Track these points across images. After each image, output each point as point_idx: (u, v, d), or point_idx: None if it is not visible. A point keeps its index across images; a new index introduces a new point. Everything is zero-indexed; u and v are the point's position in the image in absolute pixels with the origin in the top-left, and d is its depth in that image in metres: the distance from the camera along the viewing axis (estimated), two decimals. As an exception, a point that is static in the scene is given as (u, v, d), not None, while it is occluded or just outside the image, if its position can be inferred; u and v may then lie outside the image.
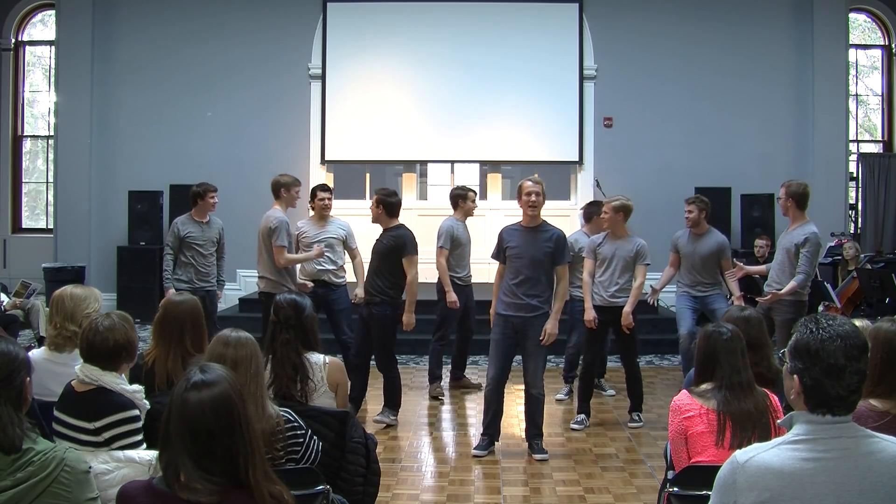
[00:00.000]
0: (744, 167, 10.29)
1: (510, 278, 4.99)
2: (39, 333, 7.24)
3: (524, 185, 5.03)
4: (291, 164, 10.54)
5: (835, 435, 1.79)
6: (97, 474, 2.44)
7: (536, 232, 5.00)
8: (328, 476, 2.83)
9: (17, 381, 2.07)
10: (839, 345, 1.79)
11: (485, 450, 5.04)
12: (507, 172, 11.63)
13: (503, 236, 5.11)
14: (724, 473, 1.86)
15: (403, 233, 5.61)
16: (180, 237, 6.52)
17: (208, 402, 1.81)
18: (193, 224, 6.59)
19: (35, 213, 12.24)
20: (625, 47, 10.61)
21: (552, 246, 4.95)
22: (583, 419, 5.71)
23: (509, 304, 4.98)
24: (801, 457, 1.77)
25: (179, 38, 10.75)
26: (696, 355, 3.09)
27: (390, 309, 5.55)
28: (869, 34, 12.10)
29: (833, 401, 1.79)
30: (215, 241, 6.68)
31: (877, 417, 2.47)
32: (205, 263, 6.57)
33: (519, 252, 4.97)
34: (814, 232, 5.52)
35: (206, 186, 6.67)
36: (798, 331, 1.87)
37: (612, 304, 5.66)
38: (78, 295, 3.45)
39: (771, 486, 1.76)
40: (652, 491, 4.27)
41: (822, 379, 1.79)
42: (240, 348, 2.68)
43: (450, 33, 10.67)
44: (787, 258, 5.58)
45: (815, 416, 1.81)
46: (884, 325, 2.71)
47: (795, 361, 1.84)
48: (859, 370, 1.80)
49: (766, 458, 1.79)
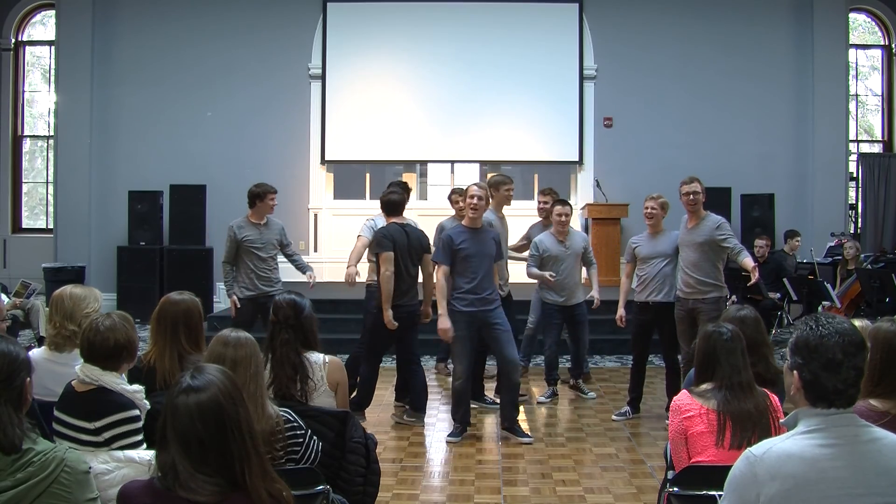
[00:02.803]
0: (744, 167, 10.30)
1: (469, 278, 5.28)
2: (39, 333, 7.23)
3: (469, 188, 5.43)
4: (291, 164, 10.58)
5: (842, 424, 1.85)
6: (97, 474, 2.44)
7: (482, 232, 5.40)
8: (328, 476, 2.83)
9: (18, 382, 2.06)
10: (837, 341, 1.85)
11: (459, 436, 5.35)
12: (507, 172, 11.59)
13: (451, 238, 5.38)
14: (740, 470, 1.87)
15: (380, 231, 5.63)
16: (238, 241, 6.16)
17: (196, 410, 1.80)
18: (251, 227, 6.23)
19: (35, 213, 12.24)
20: (625, 47, 10.62)
21: (496, 243, 5.45)
22: (627, 411, 5.95)
23: (472, 302, 5.28)
24: (817, 444, 1.83)
25: (179, 38, 10.76)
26: (696, 355, 3.08)
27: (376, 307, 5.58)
28: (869, 34, 12.10)
29: (832, 394, 1.85)
30: (275, 243, 6.32)
31: (877, 417, 2.46)
32: (265, 268, 6.22)
33: (473, 252, 5.29)
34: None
35: (266, 188, 6.29)
36: (798, 328, 1.93)
37: (661, 302, 5.81)
38: (77, 295, 3.45)
39: (795, 473, 1.80)
40: (652, 491, 4.27)
41: (820, 373, 1.85)
42: (239, 348, 2.68)
43: (450, 33, 10.68)
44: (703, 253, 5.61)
45: (818, 409, 1.87)
46: (884, 325, 2.71)
47: (795, 357, 1.90)
48: (856, 366, 1.86)
49: (784, 448, 1.84)
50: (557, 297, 6.35)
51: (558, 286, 6.29)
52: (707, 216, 5.70)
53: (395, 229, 5.58)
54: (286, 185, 9.41)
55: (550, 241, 6.36)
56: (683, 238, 5.73)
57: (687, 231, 5.72)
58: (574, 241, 6.40)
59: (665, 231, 5.97)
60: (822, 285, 8.05)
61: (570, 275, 6.35)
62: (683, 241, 5.73)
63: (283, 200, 9.65)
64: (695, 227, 5.68)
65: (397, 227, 5.61)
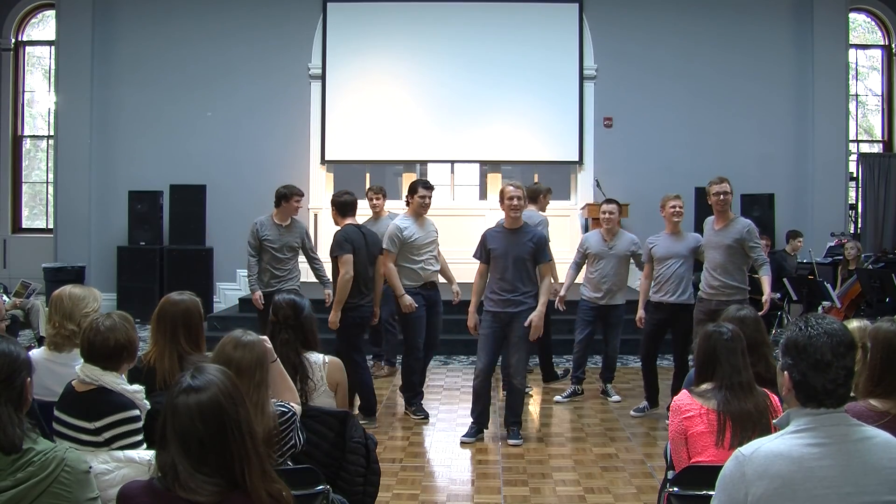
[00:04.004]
0: (744, 167, 10.29)
1: (496, 277, 5.25)
2: (39, 333, 7.24)
3: (505, 189, 5.30)
4: (291, 164, 10.58)
5: (832, 423, 1.86)
6: (97, 474, 2.44)
7: (518, 233, 5.25)
8: (328, 476, 2.83)
9: (18, 382, 2.06)
10: (826, 341, 1.87)
11: (473, 437, 5.30)
12: (507, 172, 11.62)
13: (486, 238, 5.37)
14: (729, 470, 1.89)
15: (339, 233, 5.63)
16: (258, 238, 6.19)
17: (196, 410, 1.80)
18: (272, 227, 6.21)
19: (35, 213, 12.24)
20: (625, 47, 10.62)
21: (533, 245, 5.21)
22: (644, 406, 6.03)
23: (497, 301, 5.23)
24: (805, 443, 1.84)
25: (179, 38, 10.76)
26: (696, 355, 3.08)
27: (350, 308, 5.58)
28: (869, 34, 12.10)
29: (821, 394, 1.87)
30: (295, 246, 6.27)
31: (877, 417, 2.47)
32: (281, 268, 6.21)
33: (502, 252, 5.23)
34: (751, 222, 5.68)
35: (293, 189, 6.26)
36: (789, 329, 1.95)
37: (675, 303, 5.84)
38: (77, 295, 3.45)
39: (782, 473, 1.81)
40: (652, 491, 4.27)
41: (809, 373, 1.87)
42: (247, 352, 2.65)
43: (450, 33, 10.68)
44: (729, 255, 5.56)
45: (809, 409, 1.88)
46: (883, 325, 2.70)
47: (785, 358, 1.92)
48: (845, 366, 1.87)
49: (773, 447, 1.86)
50: (594, 293, 6.32)
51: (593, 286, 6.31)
52: (736, 219, 5.66)
53: (352, 231, 5.62)
54: (286, 185, 9.40)
55: (595, 238, 6.41)
56: (710, 240, 5.67)
57: (714, 233, 5.65)
58: (621, 242, 6.33)
59: (683, 232, 6.01)
60: (821, 285, 8.05)
61: (609, 275, 6.29)
62: (710, 242, 5.67)
63: (283, 200, 9.71)
64: (723, 228, 5.61)
65: (354, 229, 5.65)
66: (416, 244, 5.89)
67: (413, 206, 6.01)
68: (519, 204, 5.21)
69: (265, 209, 6.44)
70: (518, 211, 5.23)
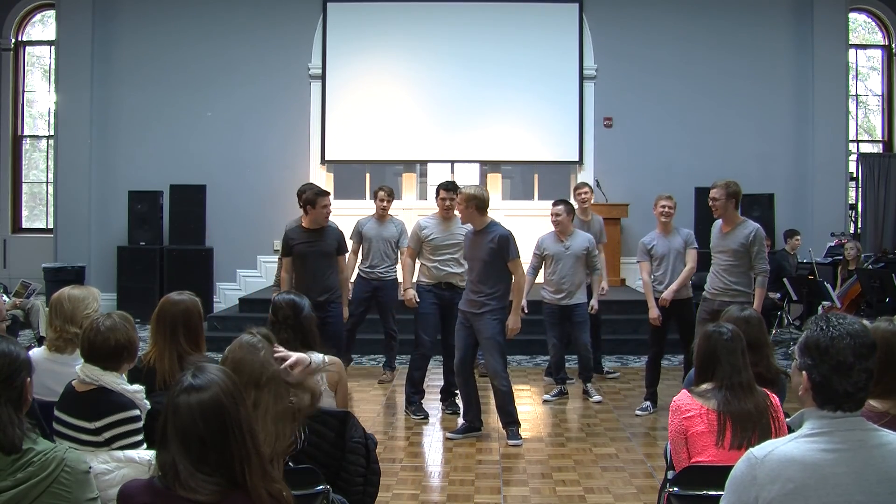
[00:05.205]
0: (744, 167, 10.27)
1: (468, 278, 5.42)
2: (39, 333, 7.24)
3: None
4: (291, 164, 10.58)
5: (848, 428, 1.82)
6: (97, 474, 2.44)
7: (482, 234, 5.27)
8: (328, 476, 2.83)
9: (18, 382, 2.06)
10: (848, 342, 1.82)
11: (460, 434, 5.38)
12: (507, 172, 11.64)
13: None
14: (740, 471, 1.86)
15: None
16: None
17: (197, 409, 1.80)
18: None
19: (35, 213, 12.24)
20: (625, 47, 10.62)
21: (494, 246, 5.19)
22: (648, 406, 6.06)
23: (465, 301, 5.38)
24: (820, 448, 1.80)
25: (179, 38, 10.76)
26: (696, 355, 3.08)
27: None
28: (869, 34, 12.09)
29: (841, 397, 1.82)
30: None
31: (876, 417, 2.46)
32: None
33: (469, 255, 5.36)
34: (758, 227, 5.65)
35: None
36: (808, 328, 1.89)
37: (676, 298, 5.96)
38: (76, 296, 3.44)
39: (794, 477, 1.78)
40: (652, 491, 4.27)
41: (830, 375, 1.82)
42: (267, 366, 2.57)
43: (450, 33, 10.68)
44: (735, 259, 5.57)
45: (825, 411, 1.84)
46: (882, 325, 2.70)
47: (805, 358, 1.87)
48: (867, 368, 1.83)
49: (786, 451, 1.82)
50: (555, 294, 6.37)
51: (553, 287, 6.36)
52: (744, 223, 5.64)
53: (292, 230, 5.79)
54: (286, 185, 9.40)
55: (551, 239, 6.43)
56: (717, 243, 5.69)
57: (722, 236, 5.66)
58: (576, 241, 6.39)
59: (674, 229, 6.14)
60: (821, 285, 8.05)
61: (567, 275, 6.35)
62: (717, 245, 5.68)
63: (283, 200, 9.71)
64: (730, 232, 5.61)
65: (297, 227, 5.81)
66: (433, 244, 5.93)
67: (439, 207, 6.06)
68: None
69: (265, 209, 6.48)
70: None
